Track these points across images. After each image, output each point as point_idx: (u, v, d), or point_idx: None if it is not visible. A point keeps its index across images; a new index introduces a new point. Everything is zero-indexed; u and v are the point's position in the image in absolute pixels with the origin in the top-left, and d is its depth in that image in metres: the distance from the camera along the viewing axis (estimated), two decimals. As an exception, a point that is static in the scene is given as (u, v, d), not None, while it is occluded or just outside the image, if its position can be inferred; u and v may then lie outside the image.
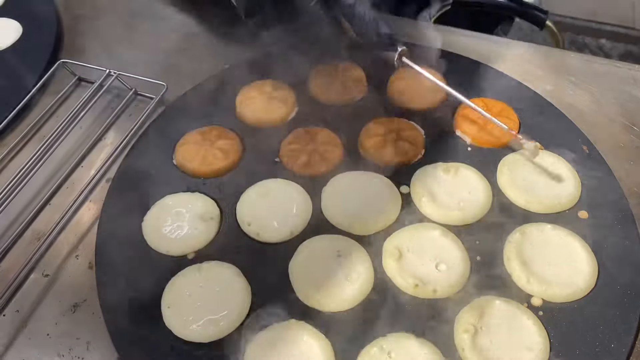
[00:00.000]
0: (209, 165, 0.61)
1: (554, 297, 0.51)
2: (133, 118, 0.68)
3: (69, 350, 0.51)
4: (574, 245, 0.54)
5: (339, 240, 0.55)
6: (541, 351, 0.48)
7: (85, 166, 0.65)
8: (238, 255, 0.55)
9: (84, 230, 0.59)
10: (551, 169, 0.59)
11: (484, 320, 0.50)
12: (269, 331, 0.49)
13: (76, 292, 0.54)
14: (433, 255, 0.54)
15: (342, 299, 0.51)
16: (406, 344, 0.48)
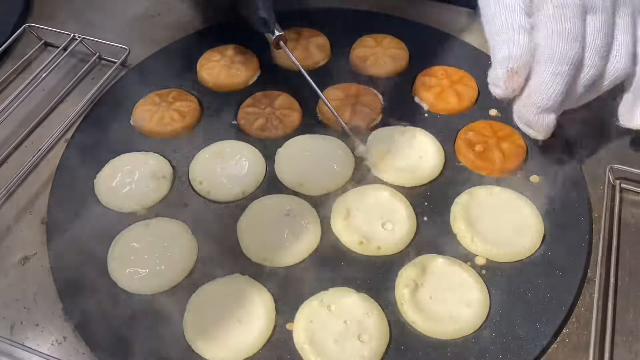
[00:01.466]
0: (164, 126, 0.61)
1: (498, 256, 0.52)
2: (95, 81, 0.68)
3: (15, 300, 0.51)
4: (522, 207, 0.54)
5: (289, 200, 0.55)
6: (480, 308, 0.48)
7: (45, 127, 0.65)
8: (188, 213, 0.56)
9: (40, 187, 0.59)
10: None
11: (425, 277, 0.50)
12: (212, 284, 0.50)
13: (27, 245, 0.55)
14: (380, 214, 0.54)
15: (287, 256, 0.52)
16: (346, 298, 0.49)
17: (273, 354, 0.47)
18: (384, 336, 0.47)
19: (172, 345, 0.47)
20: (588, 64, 0.47)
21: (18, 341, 0.48)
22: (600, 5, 0.47)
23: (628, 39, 0.49)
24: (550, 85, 0.46)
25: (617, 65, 0.48)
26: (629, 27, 0.49)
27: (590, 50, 0.47)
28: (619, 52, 0.48)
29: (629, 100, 0.51)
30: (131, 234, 0.53)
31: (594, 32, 0.47)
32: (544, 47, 0.46)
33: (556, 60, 0.45)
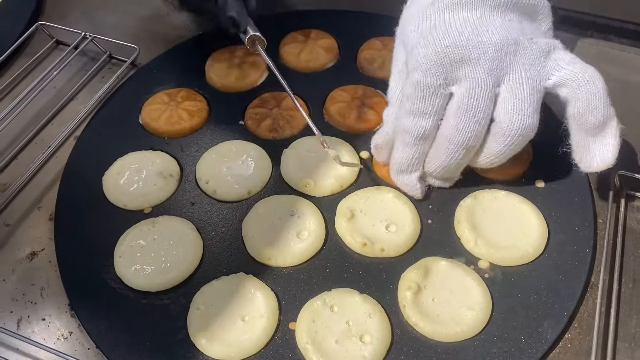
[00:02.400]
0: (172, 125, 0.62)
1: (501, 260, 0.52)
2: (105, 80, 0.69)
3: (22, 295, 0.52)
4: (526, 211, 0.54)
5: (294, 201, 0.56)
6: (482, 311, 0.48)
7: (55, 124, 0.66)
8: (194, 211, 0.56)
9: (48, 184, 0.60)
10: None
11: (428, 280, 0.50)
12: (217, 282, 0.50)
13: (35, 241, 0.56)
14: (385, 216, 0.54)
15: (291, 256, 0.52)
16: (349, 298, 0.49)
17: (275, 353, 0.47)
18: (386, 338, 0.47)
19: (176, 342, 0.48)
20: (449, 131, 0.48)
21: (25, 335, 0.49)
22: (464, 76, 0.47)
23: (517, 93, 0.47)
24: (401, 153, 0.52)
25: (506, 124, 0.47)
26: (517, 82, 0.47)
27: (450, 117, 0.48)
28: (505, 110, 0.47)
29: (578, 147, 0.50)
30: (138, 231, 0.53)
31: (459, 100, 0.47)
32: (398, 120, 0.51)
33: (403, 131, 0.50)
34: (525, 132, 0.47)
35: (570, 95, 0.47)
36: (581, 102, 0.47)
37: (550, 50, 0.48)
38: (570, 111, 0.48)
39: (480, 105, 0.47)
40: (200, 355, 0.47)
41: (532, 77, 0.47)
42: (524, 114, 0.47)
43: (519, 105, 0.46)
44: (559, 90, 0.48)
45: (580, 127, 0.48)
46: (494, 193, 0.56)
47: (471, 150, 0.49)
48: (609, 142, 0.48)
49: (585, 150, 0.49)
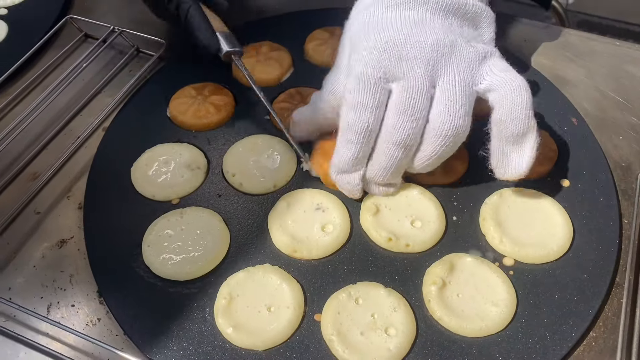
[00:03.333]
0: (200, 119, 0.62)
1: (526, 258, 0.52)
2: (133, 73, 0.70)
3: (52, 282, 0.53)
4: (552, 210, 0.54)
5: (319, 195, 0.56)
6: (507, 307, 0.49)
7: (83, 115, 0.67)
8: (220, 203, 0.57)
9: (78, 173, 0.61)
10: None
11: (453, 275, 0.50)
12: (243, 273, 0.51)
13: (64, 229, 0.57)
14: (410, 212, 0.55)
15: (316, 248, 0.52)
16: (374, 292, 0.49)
17: (301, 344, 0.48)
18: (411, 331, 0.47)
19: (203, 330, 0.48)
20: (387, 129, 0.49)
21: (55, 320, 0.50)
22: (402, 73, 0.47)
23: (449, 95, 0.48)
24: (342, 152, 0.51)
25: (437, 125, 0.48)
26: (449, 84, 0.48)
27: (389, 115, 0.48)
28: (438, 111, 0.48)
29: (495, 153, 0.50)
30: (166, 221, 0.54)
31: (396, 97, 0.48)
32: (340, 116, 0.51)
33: (345, 128, 0.50)
34: (456, 134, 0.48)
35: (496, 101, 0.48)
36: (505, 109, 0.48)
37: (487, 56, 0.49)
38: (494, 117, 0.49)
39: (417, 104, 0.47)
40: (227, 344, 0.48)
41: (464, 80, 0.48)
42: (455, 115, 0.48)
43: (450, 107, 0.47)
44: (488, 95, 0.49)
45: (500, 133, 0.49)
46: (519, 191, 0.56)
47: (409, 151, 0.50)
48: (525, 153, 0.49)
49: (502, 157, 0.50)
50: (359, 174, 0.52)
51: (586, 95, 0.66)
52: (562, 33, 0.75)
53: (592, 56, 0.71)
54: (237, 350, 0.47)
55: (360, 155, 0.50)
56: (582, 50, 0.72)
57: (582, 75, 0.68)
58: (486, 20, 0.52)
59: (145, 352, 0.47)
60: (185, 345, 0.48)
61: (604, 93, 0.67)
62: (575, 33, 0.74)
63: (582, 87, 0.67)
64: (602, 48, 0.72)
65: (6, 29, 0.76)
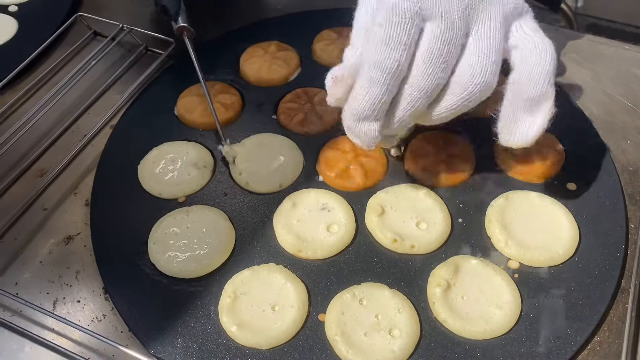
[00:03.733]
0: (207, 117, 0.63)
1: (531, 261, 0.52)
2: (141, 71, 0.70)
3: (58, 277, 0.53)
4: (558, 213, 0.54)
5: (325, 195, 0.56)
6: (511, 310, 0.48)
7: (91, 113, 0.67)
8: (226, 202, 0.57)
9: (85, 170, 0.62)
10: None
11: (457, 277, 0.50)
12: (248, 271, 0.51)
13: (71, 226, 0.57)
14: (415, 214, 0.55)
15: (321, 249, 0.53)
16: (379, 293, 0.49)
17: (305, 343, 0.48)
18: (415, 333, 0.47)
19: (207, 328, 0.48)
20: (415, 75, 0.44)
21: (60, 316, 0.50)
22: (439, 13, 0.43)
23: (482, 48, 0.43)
24: (366, 93, 0.44)
25: (466, 78, 0.43)
26: (484, 35, 0.44)
27: (419, 60, 0.43)
28: (469, 63, 0.43)
29: (505, 116, 0.46)
30: (172, 219, 0.54)
31: (429, 41, 0.43)
32: (365, 54, 0.44)
33: (372, 66, 0.43)
34: (483, 89, 0.44)
35: (519, 60, 0.44)
36: (524, 70, 0.44)
37: (522, 12, 0.45)
38: (512, 76, 0.45)
39: (451, 50, 0.43)
40: (231, 342, 0.48)
41: (499, 33, 0.44)
42: (487, 70, 0.43)
43: (484, 60, 0.43)
44: (512, 53, 0.45)
45: (515, 95, 0.45)
46: (525, 194, 0.56)
47: (431, 99, 0.45)
48: (536, 121, 0.45)
49: (511, 121, 0.46)
50: (379, 123, 0.45)
51: (594, 98, 0.66)
52: (570, 36, 0.75)
53: (601, 60, 0.70)
54: (241, 348, 0.47)
55: (386, 97, 0.44)
56: (591, 53, 0.71)
57: (590, 79, 0.68)
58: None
59: (149, 348, 0.48)
60: (190, 342, 0.48)
61: (612, 97, 0.66)
62: (583, 36, 0.74)
63: (590, 91, 0.67)
64: (610, 52, 0.71)
65: (16, 25, 0.76)
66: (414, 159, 0.58)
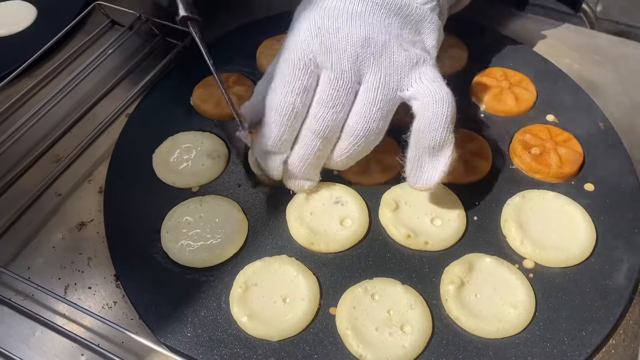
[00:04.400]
0: (222, 108, 0.62)
1: (547, 261, 0.51)
2: (158, 61, 0.70)
3: (71, 263, 0.53)
4: (575, 214, 0.53)
5: (339, 189, 0.56)
6: (526, 310, 0.48)
7: (107, 101, 0.67)
8: (240, 193, 0.57)
9: (99, 158, 0.62)
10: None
11: (472, 275, 0.50)
12: (260, 262, 0.51)
13: (84, 212, 0.57)
14: (430, 210, 0.54)
15: (334, 242, 0.52)
16: (391, 288, 0.49)
17: (315, 336, 0.47)
18: (427, 329, 0.47)
19: (218, 318, 0.48)
20: (309, 117, 0.48)
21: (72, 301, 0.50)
22: (330, 63, 0.47)
23: (369, 97, 0.47)
24: (267, 132, 0.49)
25: (352, 125, 0.48)
26: (371, 85, 0.47)
27: (313, 104, 0.48)
28: (355, 111, 0.48)
29: (410, 162, 0.50)
30: (185, 208, 0.54)
31: (321, 87, 0.48)
32: (267, 97, 0.50)
33: (270, 109, 0.49)
34: (367, 135, 0.48)
35: (418, 110, 0.47)
36: (424, 119, 0.47)
37: (419, 62, 0.48)
38: (414, 125, 0.48)
39: (340, 97, 0.47)
40: (241, 333, 0.47)
41: (388, 83, 0.47)
42: (369, 118, 0.47)
43: (367, 109, 0.47)
44: (412, 103, 0.48)
45: (417, 142, 0.48)
46: (542, 194, 0.55)
47: (328, 143, 0.49)
48: (438, 167, 0.48)
49: (416, 166, 0.49)
50: (282, 156, 0.51)
51: (614, 100, 0.65)
52: (591, 36, 0.74)
53: (622, 60, 0.69)
54: (251, 339, 0.47)
55: (285, 137, 0.49)
56: (612, 54, 0.70)
57: (611, 80, 0.67)
58: (429, 26, 0.51)
59: (159, 336, 0.47)
60: (200, 332, 0.47)
61: (633, 98, 0.65)
62: (605, 37, 0.73)
63: (610, 92, 0.66)
64: (632, 52, 0.70)
65: (35, 13, 0.76)
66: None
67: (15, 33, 0.74)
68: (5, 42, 0.73)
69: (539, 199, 0.55)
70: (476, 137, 0.59)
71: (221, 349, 0.47)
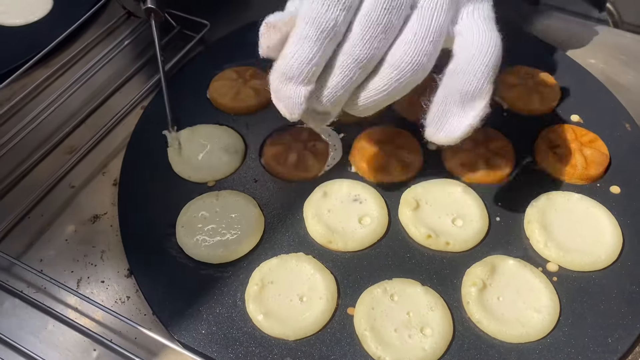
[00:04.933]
0: (240, 102, 0.61)
1: (572, 264, 0.49)
2: (174, 53, 0.69)
3: (84, 256, 0.52)
4: (601, 216, 0.52)
5: (358, 186, 0.55)
6: (550, 315, 0.46)
7: (123, 93, 0.66)
8: (256, 188, 0.56)
9: (114, 150, 0.61)
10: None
11: (494, 278, 0.48)
12: (276, 260, 0.50)
13: (98, 205, 0.56)
14: (451, 210, 0.53)
15: (352, 240, 0.51)
16: (411, 289, 0.48)
17: (332, 336, 0.46)
18: (447, 332, 0.46)
19: (233, 316, 0.47)
20: (350, 41, 0.39)
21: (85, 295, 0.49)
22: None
23: (422, 25, 0.39)
24: (297, 50, 0.39)
25: (398, 57, 0.39)
26: (427, 12, 0.39)
27: (356, 26, 0.39)
28: (405, 40, 0.39)
29: (435, 108, 0.42)
30: (201, 203, 0.53)
31: (369, 6, 0.38)
32: (302, 7, 0.39)
33: (306, 22, 0.38)
34: (414, 71, 0.39)
35: (459, 48, 0.41)
36: (463, 59, 0.40)
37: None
38: (450, 65, 0.41)
39: (392, 19, 0.39)
40: (256, 331, 0.46)
41: (445, 11, 0.39)
42: (421, 51, 0.39)
43: (419, 39, 0.39)
44: (456, 39, 0.41)
45: (449, 85, 0.41)
46: (567, 195, 0.53)
47: (364, 74, 0.40)
48: (465, 120, 0.41)
49: (441, 112, 0.42)
50: (307, 88, 0.40)
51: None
52: (617, 35, 0.72)
53: (648, 60, 0.68)
54: (266, 338, 0.46)
55: (317, 59, 0.39)
56: (638, 53, 0.69)
57: (637, 80, 0.66)
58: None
59: (173, 333, 0.47)
60: (215, 329, 0.46)
61: (659, 99, 0.64)
62: (630, 36, 0.71)
63: (636, 92, 0.64)
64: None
65: (51, 2, 0.76)
66: (452, 153, 0.56)
67: (32, 22, 0.73)
68: (21, 32, 0.72)
69: (564, 200, 0.53)
70: (499, 136, 0.58)
71: (236, 347, 0.46)
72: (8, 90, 0.65)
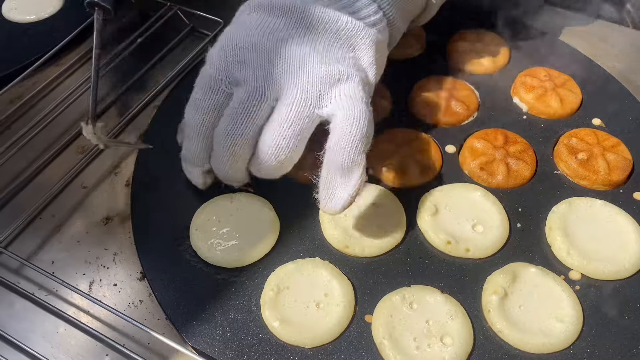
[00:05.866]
0: (254, 102, 0.60)
1: (595, 273, 0.48)
2: (187, 52, 0.68)
3: (96, 259, 0.52)
4: (625, 224, 0.51)
5: (375, 190, 0.54)
6: (573, 324, 0.45)
7: (134, 91, 0.65)
8: (272, 192, 0.54)
9: (126, 150, 0.60)
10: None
11: (515, 285, 0.47)
12: (292, 265, 0.49)
13: (110, 206, 0.55)
14: (471, 216, 0.52)
15: (369, 246, 0.50)
16: (430, 297, 0.47)
17: (350, 344, 0.45)
18: (468, 342, 0.45)
19: (248, 321, 0.46)
20: (217, 132, 0.47)
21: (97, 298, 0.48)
22: (242, 80, 0.46)
23: (281, 114, 0.45)
24: (186, 144, 0.50)
25: (263, 145, 0.46)
26: (286, 102, 0.45)
27: (222, 119, 0.47)
28: (268, 129, 0.46)
29: (322, 182, 0.46)
30: (215, 206, 0.52)
31: (232, 103, 0.46)
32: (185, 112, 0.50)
33: (185, 124, 0.50)
34: (277, 154, 0.46)
35: (332, 127, 0.45)
36: (335, 137, 0.44)
37: (342, 79, 0.46)
38: (328, 143, 0.45)
39: (252, 112, 0.45)
40: (272, 338, 0.45)
41: (304, 100, 0.45)
42: (280, 136, 0.45)
43: (278, 126, 0.45)
44: (330, 120, 0.45)
45: (330, 161, 0.45)
46: (590, 201, 0.52)
47: (241, 155, 0.47)
48: (346, 190, 0.44)
49: (327, 187, 0.46)
50: (200, 169, 0.50)
51: (664, 104, 0.62)
52: (637, 36, 0.71)
53: (672, 63, 0.66)
54: (282, 345, 0.45)
55: (198, 151, 0.49)
56: (660, 56, 0.67)
57: (660, 83, 0.64)
58: (364, 41, 0.49)
59: (187, 339, 0.46)
60: (230, 335, 0.45)
61: (683, 103, 0.62)
62: (652, 38, 0.70)
63: (659, 96, 0.63)
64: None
65: (62, -2, 0.75)
66: (472, 157, 0.55)
67: (44, 19, 0.72)
68: (32, 28, 0.71)
69: (586, 206, 0.52)
70: (519, 139, 0.57)
71: (251, 354, 0.45)
72: (19, 88, 0.64)
